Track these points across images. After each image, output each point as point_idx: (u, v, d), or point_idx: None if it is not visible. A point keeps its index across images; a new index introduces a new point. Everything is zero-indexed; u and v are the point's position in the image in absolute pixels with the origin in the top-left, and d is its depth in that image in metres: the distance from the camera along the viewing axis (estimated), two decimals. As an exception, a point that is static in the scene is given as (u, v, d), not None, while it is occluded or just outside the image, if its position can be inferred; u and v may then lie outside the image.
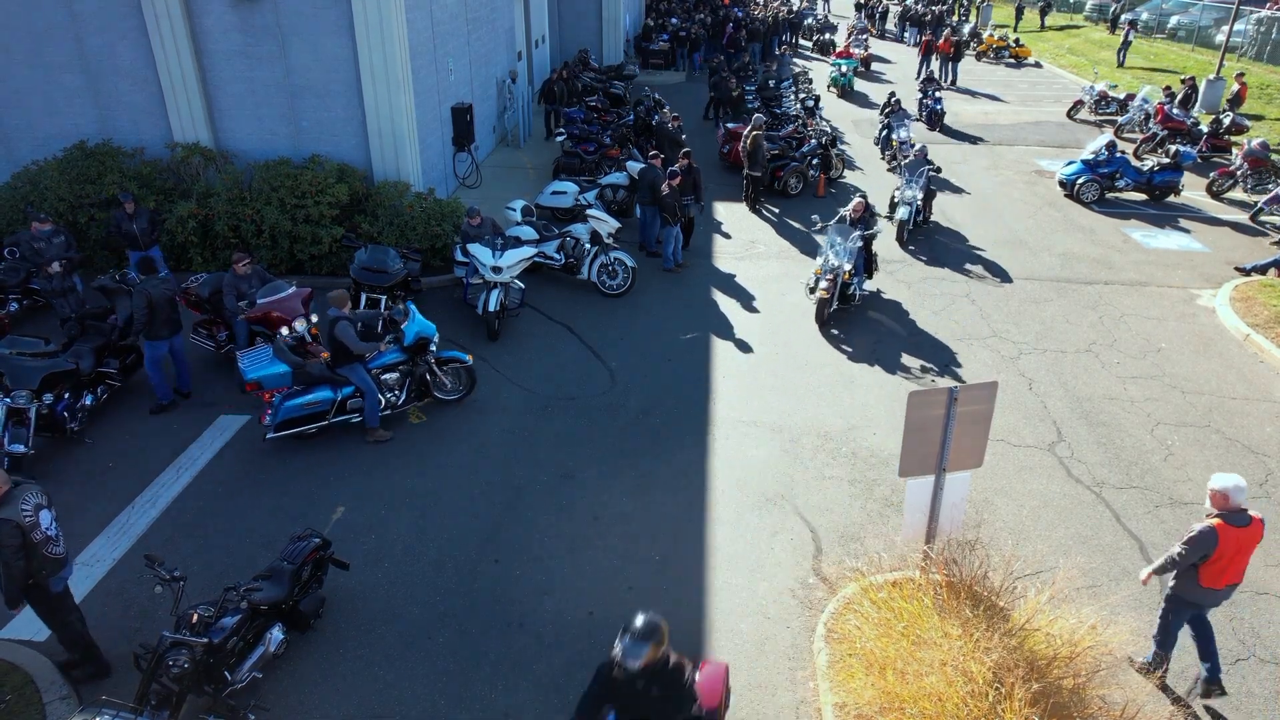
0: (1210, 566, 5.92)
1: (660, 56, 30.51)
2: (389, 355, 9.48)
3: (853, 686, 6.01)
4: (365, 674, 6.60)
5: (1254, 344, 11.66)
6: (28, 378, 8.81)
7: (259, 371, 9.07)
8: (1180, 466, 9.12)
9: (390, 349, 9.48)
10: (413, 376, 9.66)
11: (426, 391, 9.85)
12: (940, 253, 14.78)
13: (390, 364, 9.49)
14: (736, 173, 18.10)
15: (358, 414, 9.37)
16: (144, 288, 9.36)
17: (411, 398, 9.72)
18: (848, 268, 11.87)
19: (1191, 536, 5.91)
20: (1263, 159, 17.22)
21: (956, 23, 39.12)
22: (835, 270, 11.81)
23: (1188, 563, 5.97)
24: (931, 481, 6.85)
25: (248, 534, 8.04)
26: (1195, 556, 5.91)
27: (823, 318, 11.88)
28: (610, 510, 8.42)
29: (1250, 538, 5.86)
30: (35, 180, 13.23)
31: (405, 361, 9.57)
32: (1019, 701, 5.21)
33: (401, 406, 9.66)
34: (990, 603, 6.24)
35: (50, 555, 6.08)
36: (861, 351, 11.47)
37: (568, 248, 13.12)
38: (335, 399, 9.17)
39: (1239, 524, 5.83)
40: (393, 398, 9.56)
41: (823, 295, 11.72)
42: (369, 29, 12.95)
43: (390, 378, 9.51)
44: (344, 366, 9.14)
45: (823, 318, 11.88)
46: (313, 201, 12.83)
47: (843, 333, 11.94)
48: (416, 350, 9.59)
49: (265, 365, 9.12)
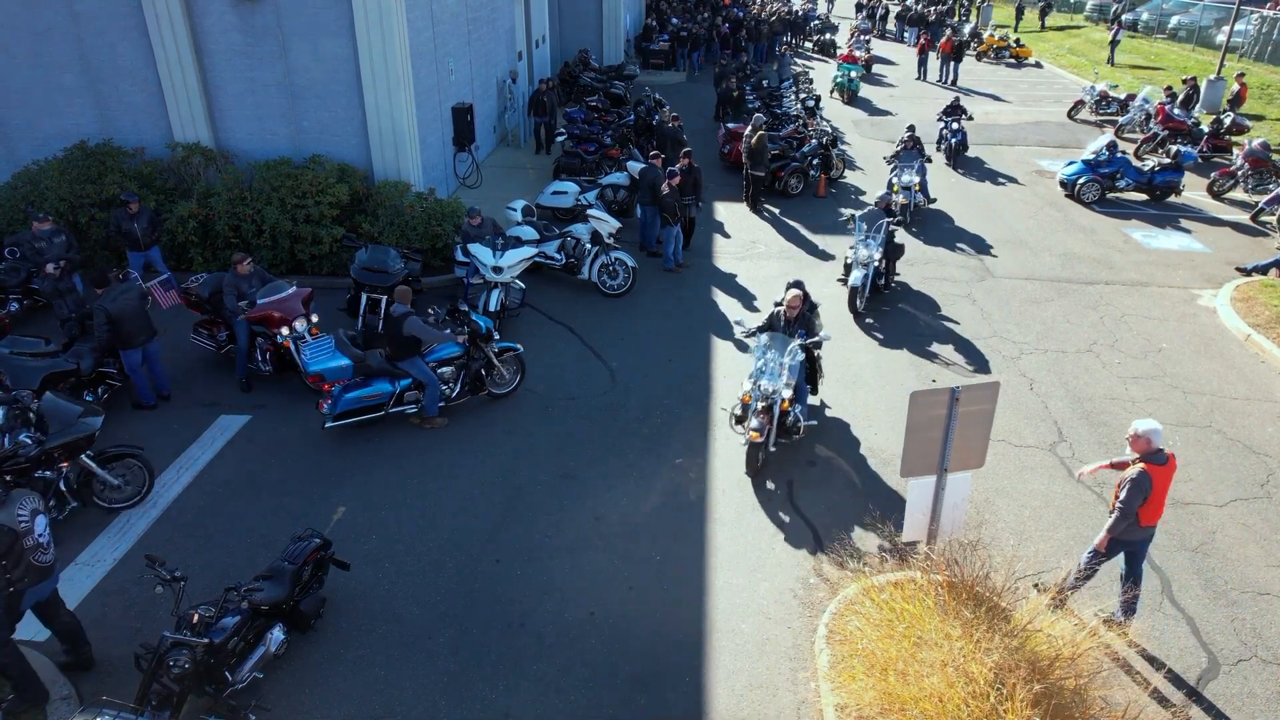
0: (1145, 508, 6.49)
1: (661, 56, 30.50)
2: (446, 349, 9.71)
3: (854, 687, 6.00)
4: (366, 674, 6.59)
5: (1255, 344, 11.65)
6: (28, 378, 8.80)
7: (322, 364, 9.24)
8: (1182, 467, 9.08)
9: (448, 343, 9.67)
10: (468, 370, 9.85)
11: (481, 385, 10.01)
12: (940, 252, 14.76)
13: (446, 358, 9.71)
14: (736, 173, 18.10)
15: (414, 405, 9.60)
16: (102, 304, 9.21)
17: (465, 391, 9.91)
18: (786, 394, 8.68)
19: (1129, 487, 6.42)
20: (1263, 159, 17.21)
21: (957, 23, 39.11)
22: (770, 397, 8.68)
23: (1134, 509, 6.45)
24: (933, 482, 6.84)
25: (248, 534, 8.03)
26: (1140, 500, 6.41)
27: (754, 467, 8.78)
28: (611, 510, 8.41)
29: (1169, 473, 6.52)
30: (36, 180, 13.22)
31: (461, 356, 9.79)
32: (1020, 702, 5.20)
33: (456, 399, 9.85)
34: (992, 603, 6.23)
35: (36, 563, 5.98)
36: (862, 352, 11.46)
37: (568, 248, 13.11)
38: (394, 391, 9.40)
39: (1160, 463, 6.46)
40: (448, 390, 9.75)
41: (753, 439, 8.50)
42: (369, 29, 12.94)
43: (445, 371, 9.72)
44: (404, 361, 9.35)
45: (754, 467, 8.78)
46: (313, 201, 12.83)
47: (843, 332, 11.93)
48: (481, 341, 9.80)
49: (328, 358, 9.28)
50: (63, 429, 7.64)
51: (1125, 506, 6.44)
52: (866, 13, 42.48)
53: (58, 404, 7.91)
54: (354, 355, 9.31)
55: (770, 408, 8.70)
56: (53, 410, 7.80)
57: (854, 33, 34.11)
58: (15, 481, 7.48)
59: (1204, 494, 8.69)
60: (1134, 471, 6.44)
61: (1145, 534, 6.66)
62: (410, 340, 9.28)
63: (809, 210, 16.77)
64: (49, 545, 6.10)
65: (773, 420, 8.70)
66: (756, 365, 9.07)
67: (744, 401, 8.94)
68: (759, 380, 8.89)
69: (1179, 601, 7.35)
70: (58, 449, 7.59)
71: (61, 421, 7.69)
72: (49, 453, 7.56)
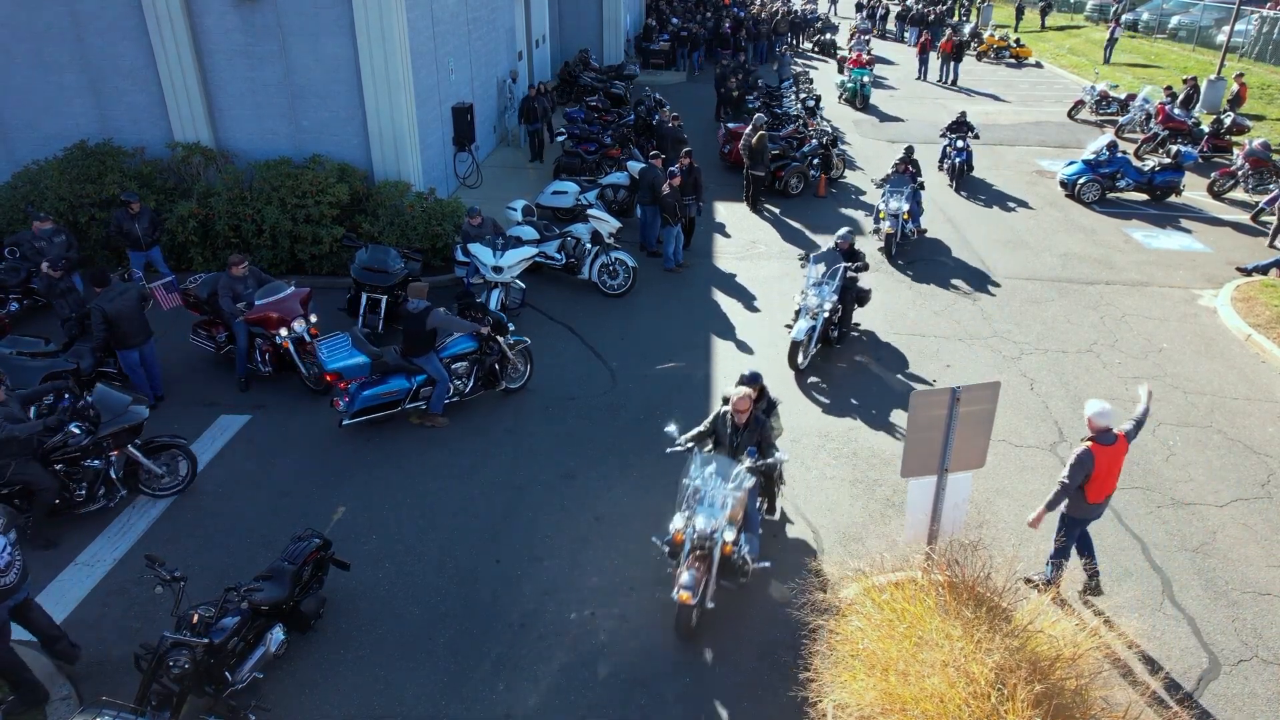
0: (1092, 484, 6.75)
1: (661, 56, 30.50)
2: (460, 345, 9.69)
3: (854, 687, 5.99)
4: (366, 674, 6.59)
5: (1255, 344, 11.64)
6: (28, 378, 8.79)
7: (339, 362, 9.24)
8: (1182, 467, 9.10)
9: (463, 338, 9.67)
10: (482, 365, 9.83)
11: (494, 380, 10.01)
12: (940, 253, 14.75)
13: (460, 353, 9.70)
14: (737, 173, 18.09)
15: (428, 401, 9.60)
16: (99, 303, 9.24)
17: (478, 386, 9.92)
18: (729, 535, 6.81)
19: (1071, 463, 6.70)
20: (1264, 159, 17.21)
21: (957, 23, 39.10)
22: (708, 540, 6.82)
23: (1075, 486, 6.72)
24: (934, 482, 6.84)
25: (248, 534, 8.03)
26: (1080, 478, 6.67)
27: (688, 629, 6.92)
28: (611, 510, 8.41)
29: (1118, 453, 6.75)
30: (36, 180, 13.21)
31: (475, 351, 9.76)
32: (1021, 703, 5.19)
33: (470, 395, 9.86)
34: (992, 603, 6.22)
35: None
36: (862, 352, 11.45)
37: (568, 248, 13.11)
38: (410, 388, 9.43)
39: (1108, 443, 6.69)
40: (460, 385, 9.75)
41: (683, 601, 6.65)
42: (369, 29, 12.94)
43: (459, 366, 9.71)
44: (420, 357, 9.36)
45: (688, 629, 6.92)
46: (313, 201, 12.82)
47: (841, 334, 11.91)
48: (495, 334, 9.76)
49: (345, 356, 9.30)
50: (113, 418, 7.85)
51: (1066, 482, 6.73)
52: (867, 13, 42.48)
53: (109, 394, 8.13)
54: (371, 352, 9.32)
55: (708, 555, 6.76)
56: (104, 400, 8.01)
57: (854, 33, 34.06)
58: (66, 471, 7.76)
59: (1204, 494, 8.68)
60: (1079, 449, 6.75)
61: (1093, 511, 6.99)
62: (429, 335, 9.28)
63: (809, 210, 16.77)
64: (7, 568, 5.90)
65: (711, 569, 6.77)
66: (688, 490, 6.94)
67: (675, 541, 6.95)
68: (693, 515, 6.80)
69: (1180, 602, 7.34)
70: (107, 438, 7.82)
71: (112, 411, 7.90)
72: (99, 442, 7.79)
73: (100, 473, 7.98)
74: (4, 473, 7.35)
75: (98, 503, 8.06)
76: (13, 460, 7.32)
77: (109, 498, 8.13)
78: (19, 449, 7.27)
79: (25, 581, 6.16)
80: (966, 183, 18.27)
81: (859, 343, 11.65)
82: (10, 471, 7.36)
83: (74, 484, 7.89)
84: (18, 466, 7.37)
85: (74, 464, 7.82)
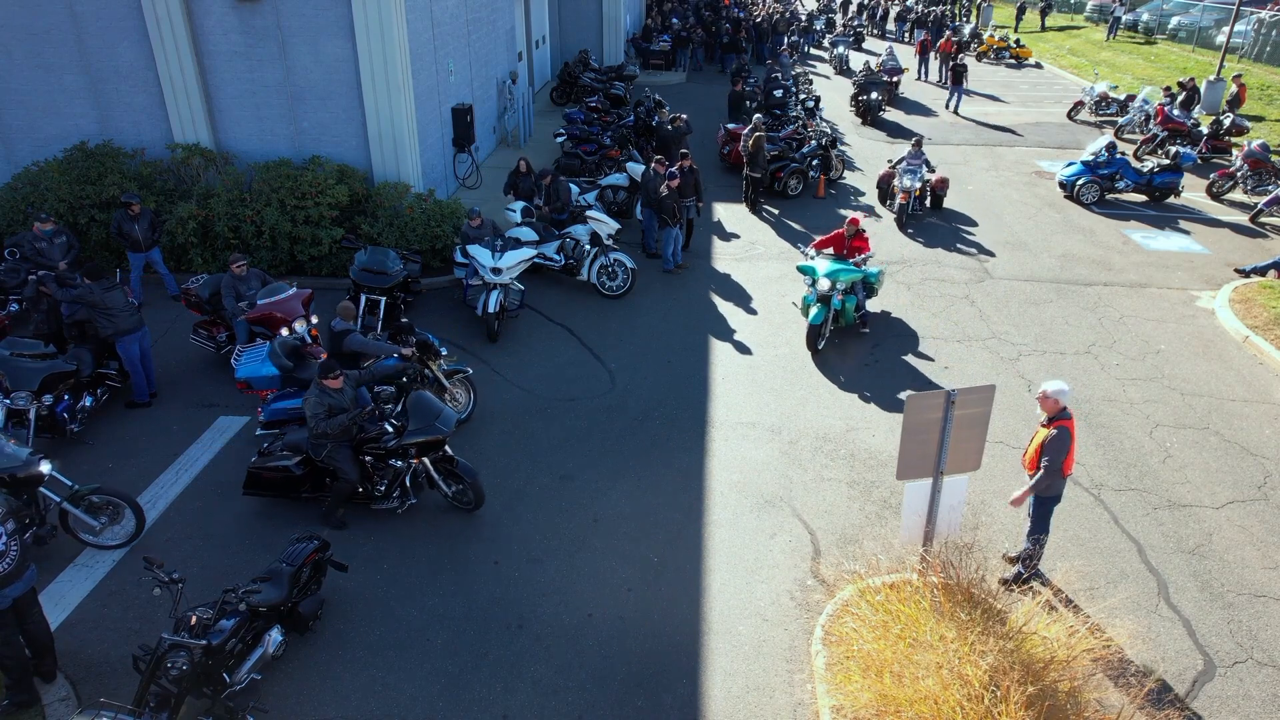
0: (1067, 460, 7.02)
1: (661, 57, 30.54)
2: (383, 364, 8.90)
3: (850, 689, 6.02)
4: (364, 676, 6.61)
5: (1253, 346, 11.66)
6: (28, 379, 8.83)
7: (248, 371, 9.25)
8: (1179, 469, 9.12)
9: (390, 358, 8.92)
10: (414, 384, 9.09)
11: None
12: (939, 253, 14.78)
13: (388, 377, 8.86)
14: (736, 173, 18.11)
15: None
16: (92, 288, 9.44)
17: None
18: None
19: (1054, 443, 6.89)
20: (1263, 160, 17.21)
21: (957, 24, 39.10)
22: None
23: (1058, 464, 6.94)
24: (929, 484, 6.86)
25: (247, 535, 8.05)
26: (1063, 455, 6.93)
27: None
28: (609, 512, 8.43)
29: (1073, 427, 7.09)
30: (36, 181, 13.25)
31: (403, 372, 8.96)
32: (1015, 705, 5.22)
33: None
34: (987, 605, 6.25)
35: None
36: (861, 353, 11.47)
37: (568, 249, 13.13)
38: None
39: (1069, 418, 7.01)
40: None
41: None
42: (369, 30, 12.96)
43: (386, 390, 8.94)
44: None
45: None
46: (313, 203, 12.85)
47: (842, 334, 11.94)
48: (430, 358, 9.23)
49: (256, 366, 9.28)
50: (422, 427, 7.92)
51: (1051, 463, 6.89)
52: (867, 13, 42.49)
53: (423, 401, 8.11)
54: (283, 366, 8.99)
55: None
56: (417, 406, 8.06)
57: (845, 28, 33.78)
58: (373, 465, 8.09)
59: (1201, 496, 8.70)
60: (1055, 430, 6.89)
61: (1063, 485, 7.21)
62: (347, 357, 8.86)
63: (808, 211, 16.78)
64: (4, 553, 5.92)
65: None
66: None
67: None
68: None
69: (1175, 603, 7.36)
70: (414, 445, 7.96)
71: (422, 419, 7.96)
72: (405, 447, 7.98)
73: (400, 474, 8.12)
74: (320, 451, 7.85)
75: (391, 503, 8.21)
76: (330, 443, 7.80)
77: (400, 503, 8.25)
78: (341, 435, 7.78)
79: (26, 573, 6.15)
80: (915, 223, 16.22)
81: (859, 343, 11.68)
82: (325, 453, 7.85)
83: (377, 478, 8.13)
84: (332, 450, 7.83)
85: (381, 460, 8.07)
